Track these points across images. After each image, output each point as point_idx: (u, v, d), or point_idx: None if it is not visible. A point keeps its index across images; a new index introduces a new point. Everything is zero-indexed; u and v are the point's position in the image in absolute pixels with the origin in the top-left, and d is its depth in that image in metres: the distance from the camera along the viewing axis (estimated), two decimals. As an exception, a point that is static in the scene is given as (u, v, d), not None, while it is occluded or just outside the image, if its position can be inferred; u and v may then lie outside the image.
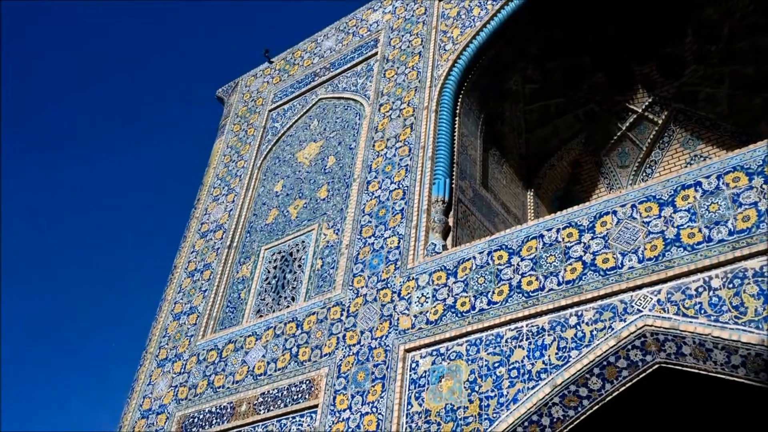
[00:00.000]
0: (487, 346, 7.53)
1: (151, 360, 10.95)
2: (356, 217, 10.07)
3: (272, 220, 11.57)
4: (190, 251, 12.23)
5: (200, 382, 9.96)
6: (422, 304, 8.36)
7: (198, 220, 12.71)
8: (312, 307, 9.52)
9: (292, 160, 12.26)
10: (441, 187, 9.49)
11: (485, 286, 7.95)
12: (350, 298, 9.17)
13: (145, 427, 10.03)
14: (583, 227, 7.66)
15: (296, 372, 8.98)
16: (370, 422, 7.80)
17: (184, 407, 9.82)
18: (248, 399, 9.21)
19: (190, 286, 11.59)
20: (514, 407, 6.93)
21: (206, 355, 10.24)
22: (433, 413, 7.46)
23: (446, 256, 8.60)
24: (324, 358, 8.82)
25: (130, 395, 10.69)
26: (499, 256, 8.10)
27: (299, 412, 8.65)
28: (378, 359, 8.28)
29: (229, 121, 14.13)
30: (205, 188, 13.23)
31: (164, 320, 11.39)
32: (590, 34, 11.59)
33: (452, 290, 8.21)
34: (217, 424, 9.26)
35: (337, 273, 9.70)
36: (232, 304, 10.90)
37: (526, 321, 7.40)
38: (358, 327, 8.78)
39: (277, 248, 11.09)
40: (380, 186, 10.13)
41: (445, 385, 7.58)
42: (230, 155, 13.39)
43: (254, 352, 9.68)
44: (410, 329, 8.24)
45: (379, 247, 9.41)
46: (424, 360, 7.96)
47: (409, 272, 8.79)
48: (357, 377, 8.31)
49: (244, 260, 11.40)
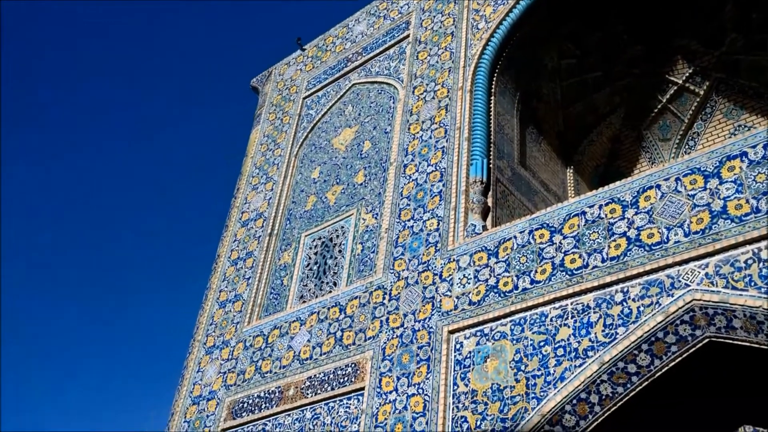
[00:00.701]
0: (532, 326, 7.51)
1: (199, 348, 11.19)
2: (394, 201, 10.09)
3: (311, 207, 11.67)
4: (233, 240, 12.41)
5: (248, 367, 10.15)
6: (464, 286, 8.36)
7: (238, 209, 12.87)
8: (354, 291, 9.60)
9: (328, 146, 12.32)
10: (479, 168, 9.45)
11: (527, 266, 7.91)
12: (392, 281, 9.21)
13: (196, 413, 10.27)
14: (626, 203, 7.56)
15: (341, 356, 9.08)
16: (416, 403, 7.86)
17: (234, 393, 10.02)
18: (295, 383, 9.35)
19: (233, 274, 11.77)
20: (562, 385, 6.91)
21: (253, 341, 10.42)
22: (479, 393, 7.49)
23: (486, 236, 8.58)
24: (368, 342, 8.90)
25: (181, 382, 10.94)
26: (540, 234, 8.05)
27: (346, 395, 8.76)
28: (422, 341, 8.32)
29: (265, 110, 14.24)
30: (243, 178, 13.38)
31: (210, 308, 11.61)
32: (627, 5, 11.35)
33: (494, 270, 8.19)
34: (266, 408, 9.43)
35: (378, 257, 9.75)
36: (275, 291, 11.05)
37: (571, 299, 7.36)
38: (401, 310, 8.83)
39: (317, 234, 11.19)
40: (417, 169, 10.13)
41: (491, 365, 7.59)
42: (267, 144, 13.51)
43: (299, 337, 9.81)
44: (453, 311, 8.26)
45: (419, 229, 9.43)
46: (468, 341, 7.98)
47: (450, 254, 8.80)
48: (402, 359, 8.37)
49: (285, 247, 11.53)
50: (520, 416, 7.03)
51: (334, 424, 8.65)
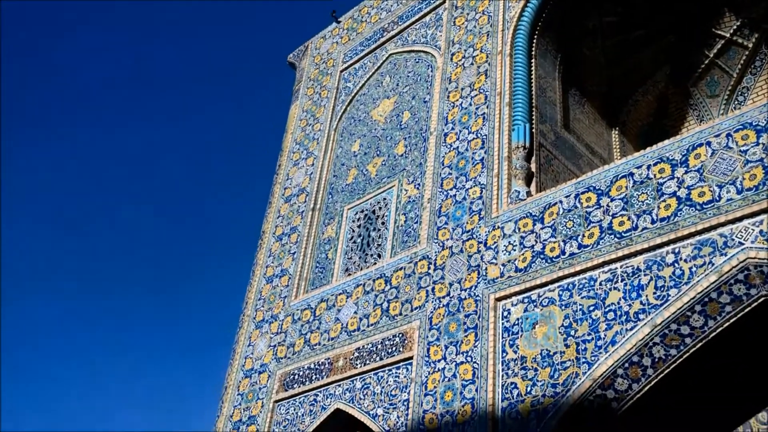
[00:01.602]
0: (581, 290, 7.41)
1: (249, 322, 11.38)
2: (436, 171, 10.02)
3: (352, 180, 11.67)
4: (276, 216, 12.52)
5: (297, 340, 10.29)
6: (510, 252, 8.29)
7: (281, 185, 12.97)
8: (399, 262, 9.61)
9: (367, 118, 12.28)
10: (521, 133, 9.30)
11: (574, 230, 7.79)
12: (436, 251, 9.19)
13: (249, 386, 10.49)
14: (675, 161, 7.36)
15: (388, 326, 9.13)
16: (465, 371, 7.87)
17: (284, 365, 10.19)
18: (344, 354, 9.45)
19: (279, 249, 11.90)
20: (613, 349, 6.83)
21: (300, 314, 10.55)
22: (528, 360, 7.45)
23: (531, 202, 8.47)
24: (415, 312, 8.92)
25: (232, 357, 11.17)
26: (587, 198, 7.90)
27: (395, 365, 8.82)
28: (469, 309, 8.30)
29: (303, 85, 14.24)
30: (284, 154, 13.45)
31: (258, 284, 11.78)
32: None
33: (540, 236, 8.09)
34: (317, 379, 9.57)
35: (421, 227, 9.73)
36: (320, 265, 11.14)
37: (620, 262, 7.23)
38: (447, 279, 8.81)
39: (360, 207, 11.21)
40: (458, 137, 10.02)
41: (540, 331, 7.54)
42: (306, 119, 13.53)
43: (346, 310, 9.89)
44: (499, 278, 8.20)
45: (462, 198, 9.35)
46: (515, 308, 7.93)
47: (494, 221, 8.72)
48: (449, 328, 8.37)
49: (328, 221, 11.59)
50: (571, 381, 6.98)
51: (384, 393, 8.73)
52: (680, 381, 6.95)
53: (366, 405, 8.86)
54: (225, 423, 10.41)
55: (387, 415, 8.54)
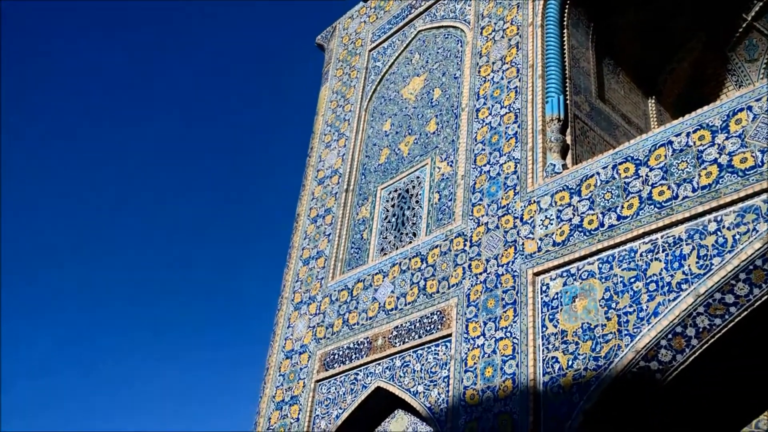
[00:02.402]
0: (621, 262, 7.31)
1: (287, 304, 11.50)
2: (469, 147, 9.94)
3: (385, 160, 11.65)
4: (310, 198, 12.57)
5: (335, 321, 10.37)
6: (547, 227, 8.21)
7: (313, 167, 13.00)
8: (434, 240, 9.60)
9: (397, 97, 12.21)
10: (555, 105, 9.16)
11: (613, 202, 7.68)
12: (471, 227, 9.15)
13: (290, 367, 10.61)
14: (715, 128, 7.18)
15: (426, 304, 9.14)
16: (505, 347, 7.85)
17: (324, 345, 10.28)
18: (383, 333, 9.50)
19: (314, 231, 11.96)
20: (656, 321, 6.74)
21: (338, 295, 10.62)
22: (569, 333, 7.40)
23: (567, 175, 8.36)
24: (452, 289, 8.91)
25: (273, 339, 11.30)
26: (625, 168, 7.77)
27: (434, 342, 8.84)
28: (507, 285, 8.26)
29: (332, 66, 14.21)
30: (316, 136, 13.47)
31: (295, 266, 11.87)
32: None
33: (577, 209, 7.99)
34: (357, 358, 9.64)
35: (456, 204, 9.68)
36: (356, 245, 11.17)
37: (661, 232, 7.11)
38: (483, 255, 8.77)
39: (393, 186, 11.19)
40: (490, 112, 9.92)
41: (580, 304, 7.47)
42: (336, 100, 13.51)
43: (383, 289, 9.92)
44: (537, 252, 8.14)
45: (496, 174, 9.27)
46: (554, 282, 7.86)
47: (530, 196, 8.63)
48: (487, 304, 8.35)
49: (362, 202, 11.60)
50: (614, 354, 6.91)
51: (423, 370, 8.76)
52: (725, 351, 6.84)
53: (406, 383, 8.90)
54: (268, 403, 10.57)
55: (427, 392, 8.57)
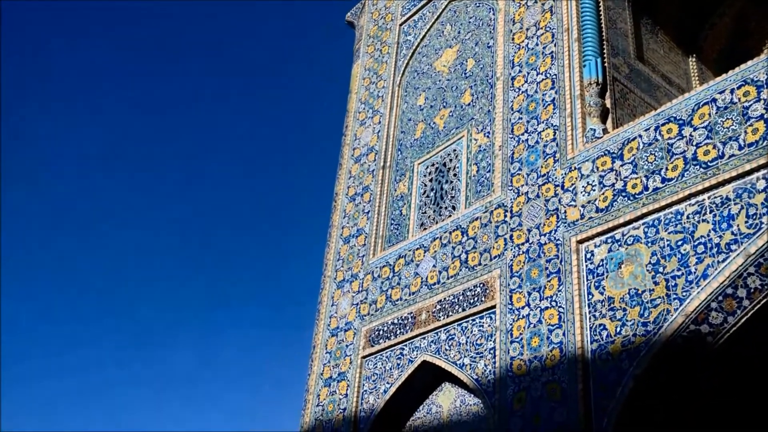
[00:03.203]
0: (667, 226, 7.16)
1: (330, 283, 11.58)
2: (506, 117, 9.80)
3: (420, 135, 11.57)
4: (348, 177, 12.59)
5: (379, 297, 10.41)
6: (589, 193, 8.07)
7: (349, 146, 12.99)
8: (474, 212, 9.53)
9: (430, 70, 12.09)
10: (592, 69, 8.95)
11: (656, 164, 7.50)
12: (511, 198, 9.05)
13: (336, 344, 10.71)
14: (761, 83, 6.93)
15: (468, 277, 9.10)
16: (551, 316, 7.78)
17: (368, 322, 10.34)
18: (426, 308, 9.50)
19: (353, 209, 11.99)
20: (705, 283, 6.59)
21: (380, 271, 10.64)
22: (616, 300, 7.29)
23: (608, 139, 8.18)
24: (494, 261, 8.85)
25: (317, 317, 11.41)
26: (667, 129, 7.57)
27: (478, 315, 8.81)
28: (550, 254, 8.17)
29: (363, 43, 14.12)
30: (350, 114, 13.44)
31: (335, 245, 11.93)
32: None
33: (620, 174, 7.83)
34: (401, 333, 9.67)
35: (494, 176, 9.58)
36: (395, 222, 11.16)
37: (708, 193, 6.92)
38: (524, 225, 8.68)
39: (430, 161, 11.13)
40: (526, 79, 9.75)
41: (626, 270, 7.35)
42: (369, 77, 13.44)
43: (425, 264, 9.91)
44: (580, 220, 8.02)
45: (534, 142, 9.14)
46: (599, 249, 7.74)
47: (570, 162, 8.49)
48: (531, 274, 8.27)
49: (399, 178, 11.57)
50: (663, 318, 6.80)
51: (469, 343, 8.75)
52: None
53: (452, 356, 8.91)
54: (316, 380, 10.70)
55: (474, 364, 8.57)
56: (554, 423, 7.19)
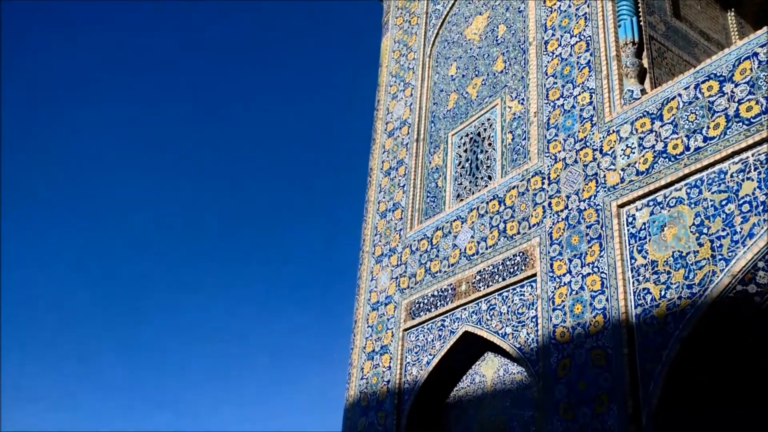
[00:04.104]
0: (710, 185, 6.99)
1: (368, 258, 11.63)
2: (540, 82, 9.64)
3: (453, 105, 11.47)
4: (382, 152, 12.56)
5: (418, 270, 10.42)
6: (628, 156, 7.92)
7: (382, 120, 12.95)
8: (510, 181, 9.44)
9: (461, 39, 11.93)
10: (628, 28, 8.73)
11: (698, 123, 7.31)
12: (549, 165, 8.93)
13: (377, 318, 10.79)
14: (806, 33, 6.69)
15: (507, 246, 9.05)
16: (593, 282, 7.70)
17: (408, 295, 10.37)
18: (466, 279, 9.49)
19: (388, 184, 11.98)
20: (752, 242, 6.44)
21: (418, 245, 10.65)
22: (660, 263, 7.18)
23: (647, 100, 8.00)
24: (533, 229, 8.77)
25: (357, 292, 11.49)
26: (708, 87, 7.36)
27: (518, 284, 8.77)
28: (590, 220, 8.06)
29: (391, 15, 13.99)
30: (381, 88, 13.37)
31: (372, 219, 11.96)
32: None
33: (660, 134, 7.66)
34: (442, 305, 9.69)
35: (530, 143, 9.46)
36: (431, 194, 11.13)
37: (752, 150, 6.73)
38: (563, 192, 8.57)
39: (464, 131, 11.03)
40: (560, 43, 9.56)
41: (669, 233, 7.22)
42: (399, 50, 13.33)
43: (462, 235, 9.88)
44: (620, 184, 7.88)
45: (570, 106, 8.98)
46: (640, 212, 7.61)
47: (608, 126, 8.33)
48: (571, 241, 8.19)
49: (433, 150, 11.50)
50: (708, 280, 6.67)
51: (510, 312, 8.73)
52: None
53: (494, 325, 8.90)
54: (359, 354, 10.81)
55: (516, 333, 8.55)
56: (600, 389, 7.15)
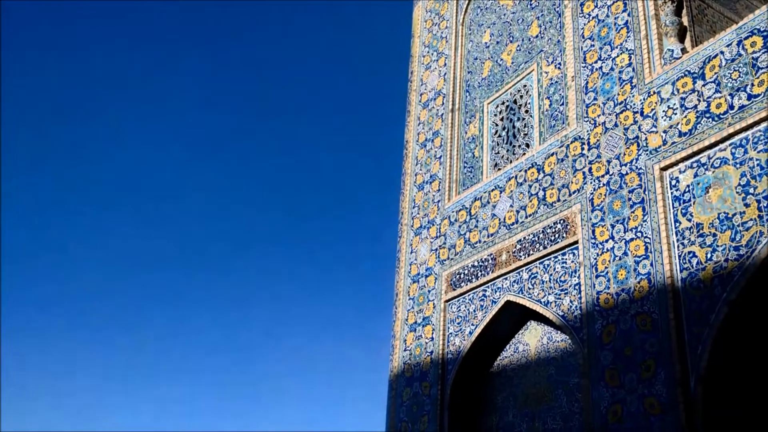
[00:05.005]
0: (756, 144, 6.80)
1: (407, 231, 11.65)
2: (577, 45, 9.45)
3: (488, 73, 11.32)
4: (417, 123, 12.50)
5: (457, 241, 10.41)
6: (670, 117, 7.74)
7: (416, 92, 12.86)
8: (549, 148, 9.32)
9: (494, 5, 11.73)
10: (667, -14, 8.47)
11: (741, 81, 7.09)
12: (588, 130, 8.78)
13: (418, 290, 10.83)
14: None
15: (547, 214, 8.97)
16: (637, 247, 7.60)
17: (449, 266, 10.38)
18: (506, 248, 9.45)
19: (425, 156, 11.93)
20: (802, 201, 6.27)
21: (456, 216, 10.62)
22: (705, 226, 7.04)
23: (688, 59, 7.78)
24: (573, 196, 8.67)
25: (398, 265, 11.54)
26: (751, 43, 7.13)
27: (560, 251, 8.70)
28: (632, 184, 7.93)
29: (422, -15, 13.80)
30: (414, 59, 13.26)
31: (410, 192, 11.95)
32: None
33: (702, 94, 7.46)
34: (483, 275, 9.67)
35: (568, 108, 9.31)
36: (468, 164, 11.06)
37: (801, 106, 6.52)
38: (603, 157, 8.43)
39: (500, 99, 10.90)
40: (596, 4, 9.33)
41: (714, 194, 7.06)
42: (431, 19, 13.17)
43: (501, 204, 9.81)
44: (662, 146, 7.72)
45: (609, 69, 8.79)
46: (684, 174, 7.46)
47: (649, 87, 8.14)
48: (613, 207, 8.07)
49: (469, 119, 11.40)
50: (756, 241, 6.53)
51: (552, 280, 8.67)
52: None
53: (536, 294, 8.86)
54: (401, 326, 10.89)
55: (559, 301, 8.50)
56: (646, 354, 7.09)
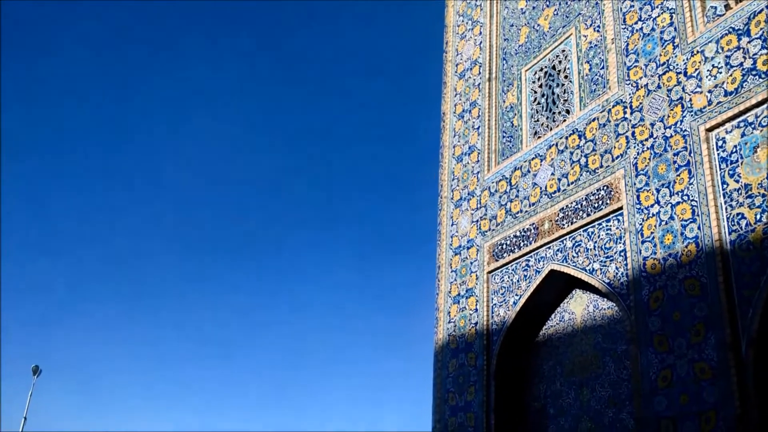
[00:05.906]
0: (808, 100, 6.57)
1: (447, 203, 11.60)
2: (615, 6, 9.20)
3: (525, 39, 11.12)
4: (453, 95, 12.38)
5: (498, 212, 10.33)
6: (715, 77, 7.51)
7: (452, 62, 12.72)
8: (590, 114, 9.14)
9: (528, -30, 11.48)
10: (709, -61, 8.16)
11: (791, 34, 6.83)
12: (630, 93, 8.58)
13: (460, 262, 10.81)
14: None
15: (590, 181, 8.83)
16: (683, 211, 7.44)
17: (490, 237, 10.32)
18: (548, 217, 9.35)
19: (462, 127, 11.83)
20: None
21: (497, 186, 10.53)
22: (754, 186, 6.85)
23: (732, 15, 7.52)
24: (616, 161, 8.51)
25: (439, 238, 11.52)
26: (802, -6, 6.85)
27: (604, 218, 8.57)
28: (677, 147, 7.74)
29: (454, -47, 13.57)
30: (449, 29, 13.09)
31: (448, 165, 11.88)
32: None
33: (748, 51, 7.21)
34: (525, 245, 9.60)
35: (609, 71, 9.10)
36: (507, 134, 10.93)
37: None
38: (647, 120, 8.24)
39: (537, 66, 10.71)
40: (635, -37, 9.06)
41: (762, 154, 6.85)
42: (464, -12, 12.97)
43: (542, 173, 9.69)
44: (707, 107, 7.50)
45: (650, 30, 8.55)
46: (730, 135, 7.25)
47: (692, 46, 7.90)
48: (658, 170, 7.90)
49: (507, 88, 11.24)
50: (810, 201, 6.33)
51: (597, 247, 8.56)
52: None
53: (581, 262, 8.77)
54: (445, 299, 10.90)
55: (604, 268, 8.40)
56: (695, 318, 6.97)
